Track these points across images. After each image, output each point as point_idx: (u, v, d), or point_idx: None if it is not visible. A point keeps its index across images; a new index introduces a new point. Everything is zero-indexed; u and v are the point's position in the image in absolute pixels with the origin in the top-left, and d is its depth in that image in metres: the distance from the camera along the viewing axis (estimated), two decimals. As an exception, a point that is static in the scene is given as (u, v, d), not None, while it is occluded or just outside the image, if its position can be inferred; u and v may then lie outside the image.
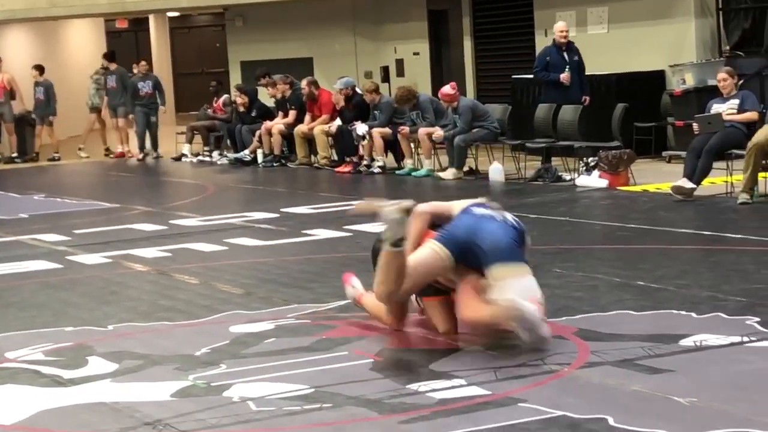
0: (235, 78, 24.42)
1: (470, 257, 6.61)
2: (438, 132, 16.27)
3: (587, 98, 16.20)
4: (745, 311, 7.11)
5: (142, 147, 22.61)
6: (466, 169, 16.30)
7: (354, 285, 7.53)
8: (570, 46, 16.39)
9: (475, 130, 16.06)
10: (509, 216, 6.86)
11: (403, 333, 7.07)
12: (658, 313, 7.23)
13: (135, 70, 23.10)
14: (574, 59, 16.30)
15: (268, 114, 20.22)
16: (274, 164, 19.46)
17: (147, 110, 22.42)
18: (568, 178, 14.81)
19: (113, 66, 23.26)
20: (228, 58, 25.74)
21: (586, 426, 5.15)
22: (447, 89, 16.28)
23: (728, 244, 9.79)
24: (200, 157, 21.47)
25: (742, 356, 6.18)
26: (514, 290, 6.38)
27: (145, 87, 22.48)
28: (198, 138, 21.89)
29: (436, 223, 6.95)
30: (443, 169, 16.45)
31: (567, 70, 16.11)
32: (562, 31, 16.46)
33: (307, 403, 5.74)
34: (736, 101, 12.87)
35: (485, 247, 6.57)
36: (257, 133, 19.92)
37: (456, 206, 6.98)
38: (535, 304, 6.36)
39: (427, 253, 6.65)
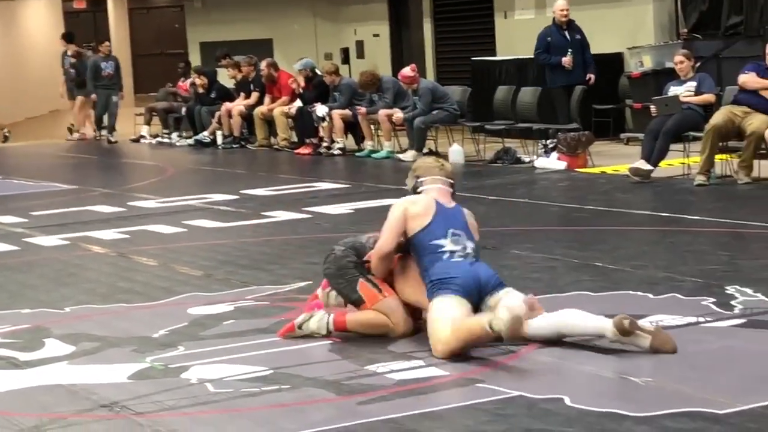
0: (195, 59, 24.32)
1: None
2: (398, 114, 16.28)
3: (592, 76, 15.70)
4: (701, 292, 7.17)
5: (99, 127, 22.49)
6: (425, 150, 16.30)
7: (319, 319, 6.65)
8: (571, 25, 15.80)
9: (435, 112, 16.07)
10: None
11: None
12: (615, 294, 7.28)
13: (92, 52, 22.94)
14: (576, 38, 15.68)
15: (228, 95, 20.15)
16: (234, 146, 19.42)
17: (108, 91, 22.28)
18: (527, 159, 14.86)
19: (71, 47, 23.08)
20: (187, 39, 25.62)
21: (542, 406, 5.18)
22: (407, 71, 16.28)
23: (685, 226, 9.86)
24: (159, 139, 21.38)
25: (698, 336, 6.24)
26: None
27: (107, 68, 22.33)
28: (157, 120, 21.80)
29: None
30: (403, 151, 16.46)
31: (569, 53, 15.45)
32: (562, 10, 15.77)
33: (266, 385, 5.74)
34: (694, 83, 12.94)
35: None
36: (217, 114, 19.86)
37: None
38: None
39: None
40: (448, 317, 6.12)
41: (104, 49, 22.69)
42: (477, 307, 6.30)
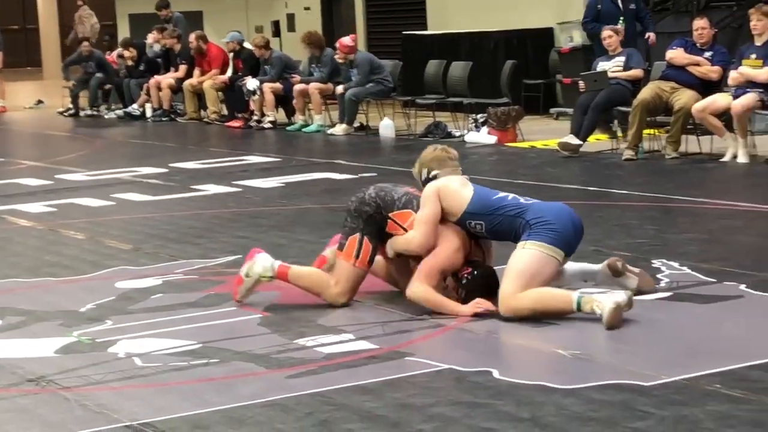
0: (123, 31, 24.07)
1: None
2: (338, 88, 16.18)
3: (651, 35, 14.32)
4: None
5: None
6: (356, 124, 16.30)
7: (263, 261, 6.74)
8: None
9: (369, 85, 16.03)
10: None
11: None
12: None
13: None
14: (630, 8, 14.17)
15: (156, 68, 19.98)
16: (164, 119, 19.28)
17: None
18: (457, 134, 14.89)
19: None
20: (116, 11, 25.35)
21: (471, 379, 5.21)
22: (347, 40, 16.20)
23: (613, 200, 9.94)
24: (88, 111, 21.14)
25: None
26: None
27: None
28: (86, 93, 21.56)
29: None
30: (334, 125, 16.43)
31: (621, 21, 13.85)
32: None
33: (194, 359, 5.72)
34: (622, 59, 13.02)
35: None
36: (145, 87, 19.69)
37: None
38: None
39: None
40: (532, 275, 6.13)
41: None
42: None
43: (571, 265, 6.51)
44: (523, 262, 6.19)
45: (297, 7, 23.02)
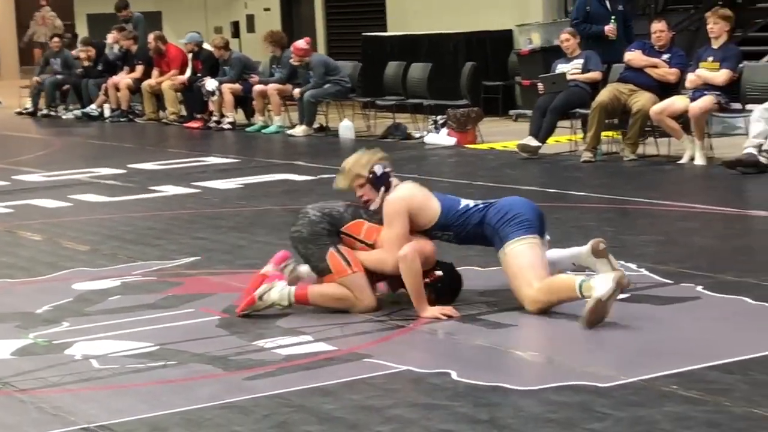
0: (82, 31, 23.94)
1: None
2: (296, 92, 16.15)
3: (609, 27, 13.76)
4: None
5: None
6: (316, 125, 16.28)
7: (280, 289, 6.48)
8: None
9: (326, 86, 16.02)
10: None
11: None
12: (501, 269, 7.32)
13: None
14: (618, 9, 13.85)
15: (115, 68, 19.87)
16: (122, 119, 19.17)
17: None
18: (417, 135, 14.91)
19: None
20: (74, 11, 25.21)
21: (429, 380, 5.22)
22: (301, 43, 16.18)
23: (571, 202, 9.97)
24: (45, 111, 21.00)
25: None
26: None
27: None
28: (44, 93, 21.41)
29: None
30: (293, 126, 16.40)
31: (612, 21, 13.63)
32: None
33: (152, 361, 5.69)
34: (580, 61, 13.07)
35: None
36: (103, 87, 19.58)
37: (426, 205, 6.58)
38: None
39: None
40: (531, 269, 6.21)
41: None
42: None
43: (559, 252, 6.67)
44: (519, 261, 6.27)
45: (257, 8, 22.97)
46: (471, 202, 6.60)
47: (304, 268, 6.67)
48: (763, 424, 4.50)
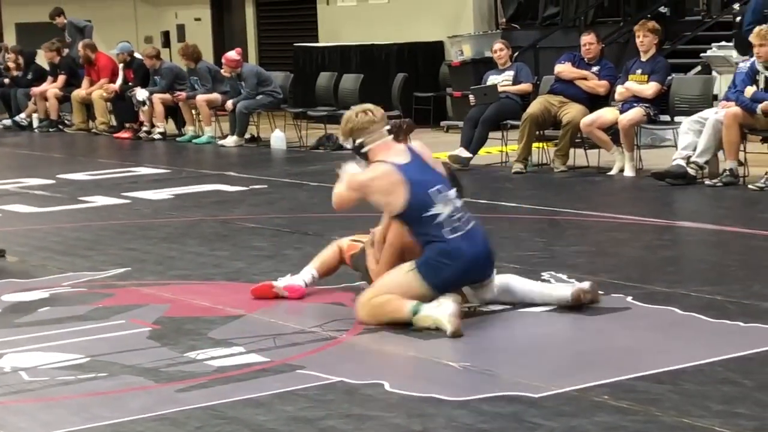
0: (10, 41, 23.68)
1: None
2: (228, 104, 16.08)
3: None
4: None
5: None
6: (247, 136, 16.23)
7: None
8: None
9: (258, 97, 15.99)
10: None
11: (184, 301, 7.00)
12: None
13: None
14: None
15: (45, 77, 19.69)
16: (51, 129, 19.00)
17: None
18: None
19: None
20: (2, 20, 24.93)
21: (362, 391, 5.21)
22: (232, 55, 16.14)
23: (502, 213, 10.02)
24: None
25: (515, 321, 6.35)
26: None
27: None
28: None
29: None
30: (224, 136, 16.34)
31: None
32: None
33: (82, 373, 5.64)
34: (511, 73, 13.16)
35: None
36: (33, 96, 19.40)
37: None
38: None
39: None
40: (390, 289, 6.26)
41: None
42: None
43: (531, 286, 6.62)
44: (393, 278, 6.31)
45: (187, 18, 22.87)
46: (443, 215, 6.32)
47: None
48: (693, 433, 4.56)
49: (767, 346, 5.67)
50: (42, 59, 20.20)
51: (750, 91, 10.67)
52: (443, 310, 6.07)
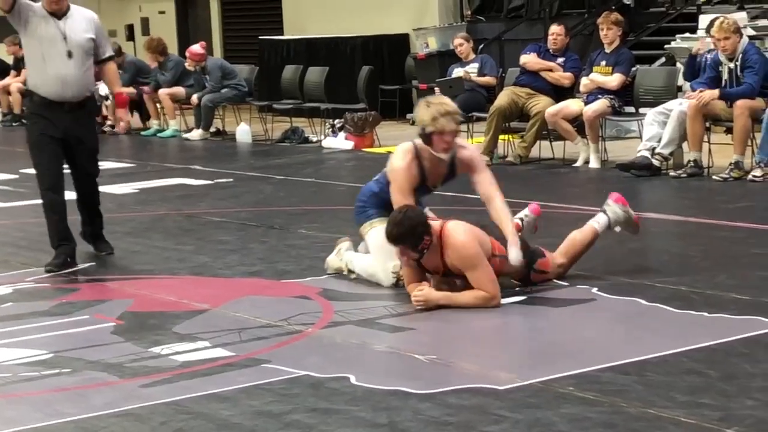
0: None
1: None
2: (193, 98, 16.02)
3: None
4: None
5: None
6: (213, 129, 16.18)
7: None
8: None
9: (223, 91, 15.94)
10: None
11: (148, 296, 6.96)
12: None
13: None
14: None
15: (8, 71, 19.56)
16: (14, 123, 18.87)
17: None
18: (314, 139, 14.89)
19: None
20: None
21: (328, 385, 5.20)
22: (196, 48, 16.09)
23: (468, 205, 10.01)
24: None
25: (479, 314, 6.35)
26: None
27: None
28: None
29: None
30: (189, 130, 16.28)
31: None
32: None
33: (46, 369, 5.60)
34: (476, 65, 13.17)
35: None
36: (-4, 90, 19.28)
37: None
38: None
39: None
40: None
41: None
42: None
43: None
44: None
45: (151, 11, 22.77)
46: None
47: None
48: (658, 423, 4.56)
49: (732, 336, 5.69)
50: (4, 53, 20.07)
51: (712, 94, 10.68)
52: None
